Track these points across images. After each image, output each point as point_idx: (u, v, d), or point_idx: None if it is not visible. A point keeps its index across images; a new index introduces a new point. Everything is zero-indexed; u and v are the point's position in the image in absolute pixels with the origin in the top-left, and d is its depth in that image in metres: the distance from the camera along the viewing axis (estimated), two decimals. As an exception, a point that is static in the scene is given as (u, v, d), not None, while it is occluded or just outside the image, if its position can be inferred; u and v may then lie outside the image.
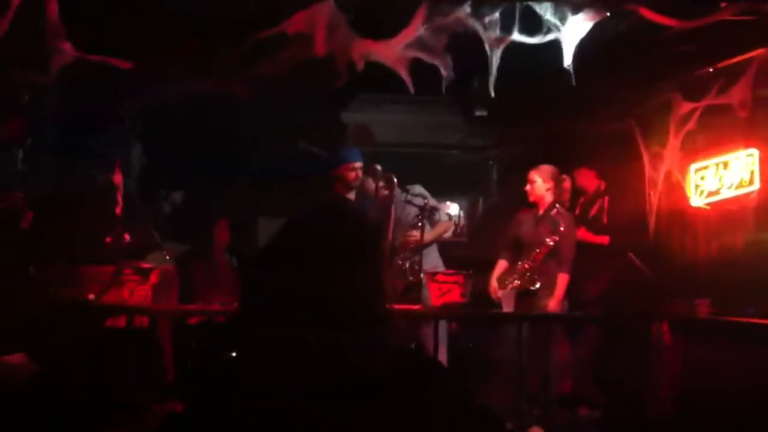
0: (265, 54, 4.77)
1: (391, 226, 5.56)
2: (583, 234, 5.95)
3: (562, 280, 5.42)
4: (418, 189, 5.73)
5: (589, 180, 6.30)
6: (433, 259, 5.80)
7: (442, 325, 5.55)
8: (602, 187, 6.29)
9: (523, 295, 5.38)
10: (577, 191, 6.29)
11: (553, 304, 5.36)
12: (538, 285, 5.38)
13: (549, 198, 5.58)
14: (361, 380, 1.39)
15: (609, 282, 5.79)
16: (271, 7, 4.55)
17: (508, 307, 5.32)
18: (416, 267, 5.52)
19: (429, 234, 5.69)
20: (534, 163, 5.79)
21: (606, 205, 6.13)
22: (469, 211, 7.66)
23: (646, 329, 5.14)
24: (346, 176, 5.66)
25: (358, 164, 5.67)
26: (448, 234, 5.92)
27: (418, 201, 5.61)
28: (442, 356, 5.55)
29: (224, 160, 7.27)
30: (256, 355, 1.46)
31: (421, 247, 5.62)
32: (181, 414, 1.50)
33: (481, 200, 6.45)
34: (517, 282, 5.43)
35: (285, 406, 1.38)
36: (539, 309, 5.36)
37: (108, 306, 4.99)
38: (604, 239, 6.01)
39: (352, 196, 5.73)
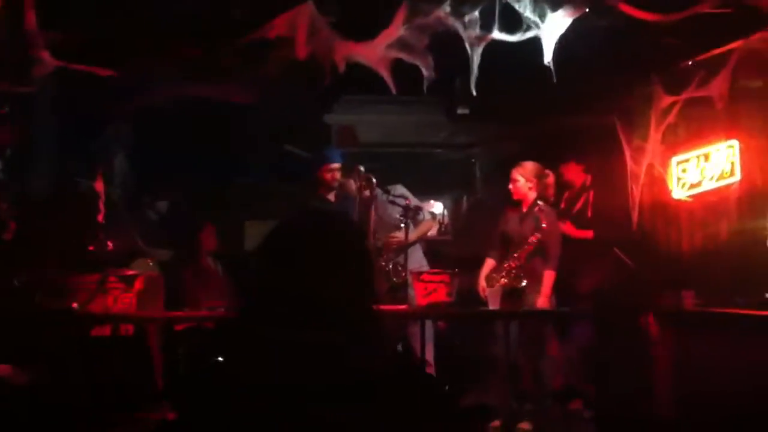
0: (249, 58, 4.77)
1: (372, 227, 5.56)
2: (567, 228, 5.98)
3: (548, 277, 5.42)
4: (400, 189, 5.73)
5: (576, 174, 6.33)
6: (417, 259, 5.81)
7: (429, 325, 5.56)
8: (588, 182, 6.32)
9: (510, 293, 5.39)
10: (562, 186, 6.31)
11: (541, 301, 5.37)
12: (524, 283, 5.39)
13: (532, 195, 5.59)
14: (349, 381, 1.41)
15: (596, 277, 5.81)
16: (256, 11, 4.55)
17: (494, 305, 5.34)
18: (399, 268, 5.53)
19: (412, 233, 5.69)
20: (517, 160, 5.80)
21: (591, 199, 6.16)
22: (454, 209, 7.68)
23: (633, 323, 5.16)
24: (325, 177, 5.67)
25: (336, 165, 5.67)
26: (433, 232, 5.93)
27: (400, 201, 5.61)
28: (429, 355, 5.57)
29: (209, 164, 7.25)
30: (246, 357, 1.47)
31: (404, 247, 5.63)
32: (172, 421, 1.51)
33: (465, 198, 6.46)
34: (504, 280, 5.44)
35: (275, 407, 1.39)
36: (527, 306, 5.37)
37: (93, 314, 4.96)
38: (588, 233, 6.04)
39: (332, 197, 5.72)
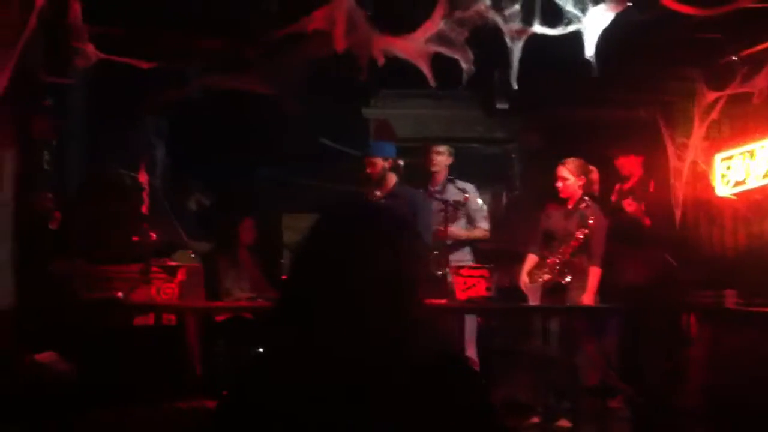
0: (287, 51, 4.80)
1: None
2: (633, 207, 5.89)
3: (594, 273, 5.40)
4: (462, 184, 5.74)
5: (633, 168, 6.23)
6: (464, 253, 5.77)
7: (472, 321, 5.56)
8: (642, 177, 6.22)
9: (554, 289, 5.37)
10: (620, 179, 6.24)
11: (587, 297, 5.35)
12: (568, 279, 5.37)
13: (579, 192, 5.56)
14: (390, 374, 1.41)
15: (638, 274, 5.75)
16: (293, 4, 4.57)
17: (534, 301, 5.32)
18: (443, 260, 5.50)
19: (463, 231, 5.71)
20: (556, 155, 5.77)
21: (639, 194, 6.05)
22: (492, 205, 7.65)
23: (673, 321, 5.11)
24: (366, 170, 5.64)
25: (375, 159, 5.60)
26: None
27: (458, 195, 5.61)
28: (472, 351, 5.56)
29: (247, 158, 7.31)
30: (289, 349, 1.47)
31: (455, 243, 5.64)
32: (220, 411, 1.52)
33: (504, 193, 6.44)
34: (547, 276, 5.42)
35: (317, 399, 1.40)
36: (570, 303, 5.35)
37: (136, 304, 5.04)
38: (647, 220, 5.93)
39: (378, 192, 5.67)
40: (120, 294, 4.94)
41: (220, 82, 5.11)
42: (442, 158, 5.79)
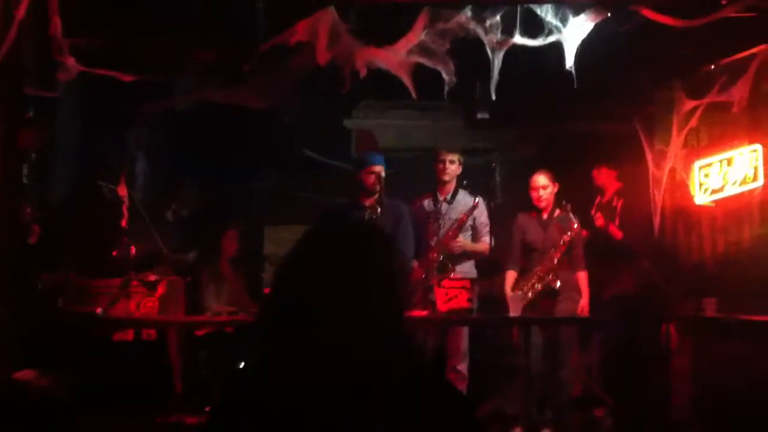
0: (269, 63, 4.79)
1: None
2: (600, 222, 5.93)
3: (584, 278, 5.50)
4: (476, 199, 5.72)
5: (608, 180, 6.25)
6: (468, 265, 5.75)
7: (465, 335, 5.54)
8: (620, 189, 6.25)
9: (545, 297, 5.40)
10: (593, 190, 6.28)
11: (584, 302, 5.43)
12: (558, 284, 5.41)
13: (551, 201, 5.62)
14: (368, 387, 1.43)
15: (618, 285, 5.78)
16: (278, 17, 4.56)
17: (516, 312, 5.33)
18: (450, 265, 5.48)
19: (469, 245, 5.69)
20: (538, 165, 5.80)
21: (619, 207, 6.09)
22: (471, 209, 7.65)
23: (654, 330, 5.13)
24: (365, 180, 5.62)
25: (377, 168, 5.62)
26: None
27: (470, 203, 5.62)
28: (463, 366, 5.54)
29: (229, 169, 7.27)
30: (271, 362, 1.50)
31: (461, 255, 5.64)
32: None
33: (485, 202, 6.43)
34: (538, 285, 5.45)
35: (300, 412, 1.42)
36: (561, 312, 5.38)
37: (116, 319, 4.99)
38: (618, 233, 5.96)
39: (370, 201, 5.67)
40: (99, 309, 4.88)
41: (207, 94, 5.09)
42: (453, 167, 5.76)
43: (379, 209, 5.38)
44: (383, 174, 5.55)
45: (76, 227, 5.40)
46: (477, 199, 5.64)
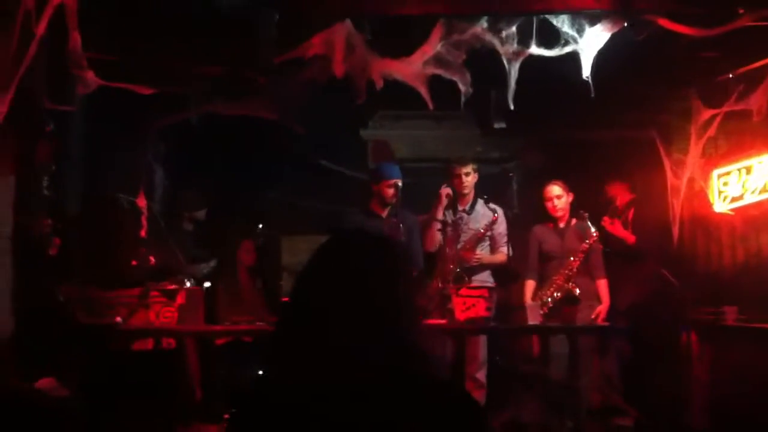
0: (286, 76, 4.82)
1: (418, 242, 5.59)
2: (616, 230, 5.91)
3: (604, 285, 5.55)
4: (493, 205, 5.72)
5: (621, 193, 6.25)
6: (484, 276, 5.76)
7: (483, 344, 5.56)
8: (632, 200, 6.24)
9: (565, 304, 5.42)
10: (605, 203, 6.27)
11: (601, 309, 5.46)
12: (578, 291, 5.43)
13: (568, 209, 5.62)
14: (386, 399, 1.45)
15: (637, 293, 5.76)
16: (292, 30, 4.59)
17: (534, 320, 5.31)
18: (466, 279, 5.50)
19: (487, 257, 5.71)
20: (555, 174, 5.80)
21: (630, 217, 6.08)
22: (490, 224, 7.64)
23: (673, 339, 5.11)
24: (385, 193, 5.66)
25: (397, 181, 5.65)
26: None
27: (489, 214, 5.61)
28: (482, 374, 5.55)
29: (246, 179, 7.31)
30: (288, 371, 1.52)
31: (477, 267, 5.64)
32: None
33: (504, 213, 6.43)
34: (558, 294, 5.47)
35: (319, 419, 1.44)
36: (582, 318, 5.40)
37: (135, 329, 5.02)
38: (631, 237, 5.94)
39: (385, 213, 5.72)
40: (119, 319, 4.92)
41: (222, 107, 5.13)
42: (470, 179, 5.77)
43: (395, 220, 5.41)
44: (401, 185, 5.60)
45: (96, 239, 5.45)
46: (497, 213, 5.64)
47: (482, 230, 5.64)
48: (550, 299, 5.47)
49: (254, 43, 4.61)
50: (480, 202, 5.79)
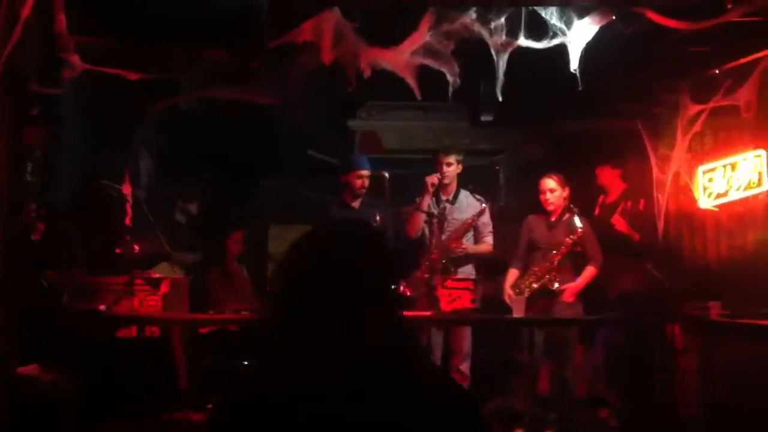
0: (274, 62, 4.80)
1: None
2: (621, 226, 5.92)
3: (589, 271, 5.53)
4: (479, 196, 5.75)
5: (611, 180, 6.25)
6: (468, 269, 5.77)
7: (467, 336, 5.57)
8: (625, 191, 6.25)
9: (543, 296, 5.41)
10: (596, 190, 6.28)
11: (572, 286, 5.45)
12: (557, 285, 5.42)
13: (564, 203, 5.62)
14: (368, 385, 1.44)
15: (623, 286, 5.78)
16: (282, 16, 4.57)
17: (519, 313, 5.33)
18: (452, 269, 5.52)
19: (472, 247, 5.72)
20: (543, 166, 5.81)
21: (628, 208, 6.09)
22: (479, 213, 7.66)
23: (659, 332, 5.13)
24: (354, 183, 5.70)
25: (366, 172, 5.70)
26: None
27: (474, 204, 5.65)
28: (465, 366, 5.56)
29: (234, 168, 7.29)
30: (274, 361, 1.52)
31: (462, 257, 5.65)
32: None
33: (489, 204, 6.45)
34: (535, 285, 5.46)
35: (303, 410, 1.43)
36: (559, 311, 5.39)
37: (119, 316, 5.00)
38: (635, 235, 5.96)
39: (356, 204, 5.75)
40: (102, 306, 4.90)
41: (213, 92, 5.10)
42: (452, 168, 5.78)
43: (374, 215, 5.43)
44: (368, 177, 5.62)
45: (81, 225, 5.42)
46: (484, 204, 5.66)
47: (470, 220, 5.65)
48: (527, 289, 5.47)
49: (247, 27, 4.58)
50: (463, 192, 5.81)
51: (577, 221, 5.53)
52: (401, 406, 1.43)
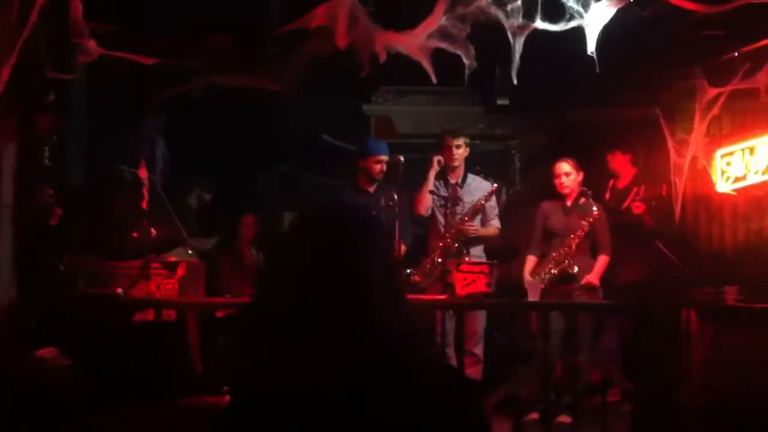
0: (289, 48, 4.79)
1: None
2: (641, 209, 5.91)
3: (603, 260, 5.54)
4: (489, 179, 5.77)
5: (622, 165, 6.24)
6: (479, 250, 5.79)
7: (482, 318, 5.58)
8: (637, 177, 6.23)
9: (562, 281, 5.41)
10: (606, 175, 6.26)
11: (592, 277, 5.43)
12: (576, 269, 5.42)
13: (578, 188, 5.61)
14: (366, 374, 1.39)
15: (637, 270, 5.77)
16: (294, 1, 4.56)
17: (533, 297, 5.32)
18: (464, 251, 5.53)
19: (481, 229, 5.73)
20: (557, 152, 5.78)
21: (642, 194, 6.06)
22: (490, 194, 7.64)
23: (673, 317, 5.11)
24: (372, 168, 5.68)
25: (385, 157, 5.68)
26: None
27: (483, 187, 5.65)
28: (479, 349, 5.58)
29: (248, 154, 7.31)
30: (252, 348, 1.46)
31: (472, 240, 5.65)
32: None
33: (503, 190, 6.44)
34: (554, 271, 5.46)
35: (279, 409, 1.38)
36: (577, 297, 5.39)
37: (135, 300, 5.03)
38: (650, 221, 5.95)
39: (372, 189, 5.75)
40: (119, 290, 4.93)
41: (225, 79, 5.10)
42: (460, 151, 5.78)
43: (391, 197, 5.43)
44: (386, 163, 5.61)
45: (97, 209, 5.45)
46: (495, 184, 5.67)
47: (482, 201, 5.64)
48: (546, 275, 5.46)
49: (259, 13, 4.58)
50: (471, 175, 5.80)
51: (592, 204, 5.52)
52: (399, 408, 1.38)
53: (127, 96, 5.59)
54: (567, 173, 5.61)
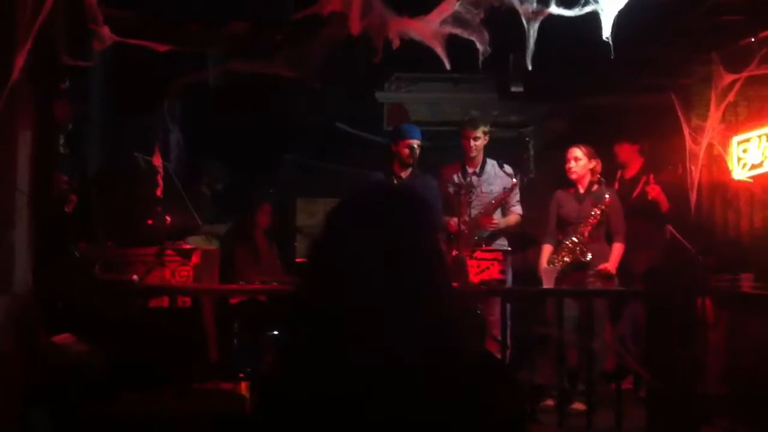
0: (303, 34, 4.78)
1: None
2: (656, 193, 5.88)
3: (618, 248, 5.53)
4: (508, 168, 5.74)
5: (629, 155, 6.23)
6: (501, 240, 5.78)
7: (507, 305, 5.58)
8: (644, 165, 6.20)
9: (575, 269, 5.40)
10: (615, 166, 6.24)
11: (608, 265, 5.45)
12: (589, 256, 5.41)
13: (589, 176, 5.58)
14: (414, 360, 1.35)
15: (652, 257, 5.74)
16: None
17: (548, 285, 5.31)
18: (483, 244, 5.54)
19: (503, 221, 5.72)
20: (572, 139, 5.75)
21: (651, 181, 6.04)
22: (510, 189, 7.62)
23: (688, 304, 5.09)
24: (403, 152, 5.66)
25: (417, 142, 5.65)
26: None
27: (501, 175, 5.65)
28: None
29: (261, 141, 7.31)
30: (309, 335, 1.41)
31: (497, 232, 5.66)
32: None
33: (518, 177, 6.41)
34: (567, 258, 5.45)
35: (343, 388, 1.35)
36: (591, 284, 5.38)
37: (151, 286, 5.06)
38: (666, 204, 5.93)
39: (404, 174, 5.72)
40: (135, 277, 4.96)
41: (240, 66, 5.09)
42: (479, 142, 5.76)
43: (426, 182, 5.42)
44: (418, 147, 5.58)
45: (112, 197, 5.48)
46: (514, 179, 5.64)
47: (501, 196, 5.64)
48: (560, 263, 5.45)
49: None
50: (490, 163, 5.78)
51: (605, 191, 5.50)
52: (445, 392, 1.34)
53: (144, 84, 5.60)
54: (577, 158, 5.58)
